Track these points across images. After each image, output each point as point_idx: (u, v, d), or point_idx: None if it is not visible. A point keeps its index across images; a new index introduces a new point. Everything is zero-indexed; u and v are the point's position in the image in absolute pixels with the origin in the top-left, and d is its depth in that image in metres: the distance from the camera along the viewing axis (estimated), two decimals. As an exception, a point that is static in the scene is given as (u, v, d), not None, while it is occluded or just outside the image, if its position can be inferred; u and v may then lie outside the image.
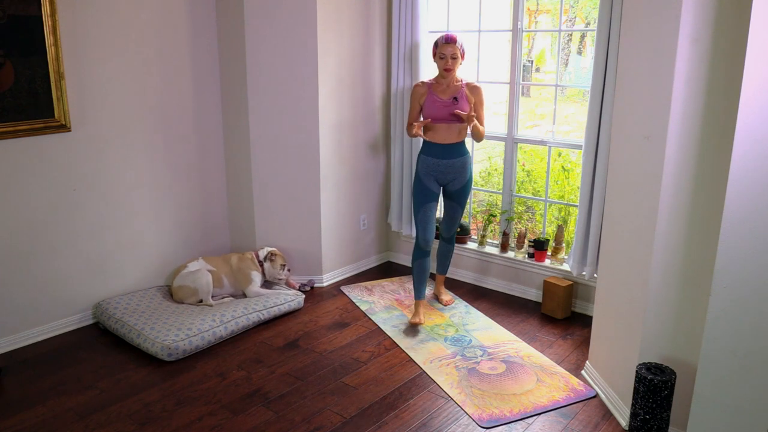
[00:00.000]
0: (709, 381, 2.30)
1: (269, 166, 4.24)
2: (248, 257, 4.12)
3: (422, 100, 3.75)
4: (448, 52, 3.63)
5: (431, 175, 3.78)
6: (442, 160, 3.74)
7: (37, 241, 3.53)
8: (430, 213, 3.79)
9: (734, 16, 2.28)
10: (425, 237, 3.79)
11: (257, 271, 4.08)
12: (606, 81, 3.52)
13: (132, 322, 3.55)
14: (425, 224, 3.79)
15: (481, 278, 4.47)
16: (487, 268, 4.42)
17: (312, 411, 2.95)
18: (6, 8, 3.21)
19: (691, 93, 2.42)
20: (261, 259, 4.12)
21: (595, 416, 2.92)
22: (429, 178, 3.78)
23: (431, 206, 3.79)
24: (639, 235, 2.70)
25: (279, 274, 4.13)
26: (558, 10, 4.20)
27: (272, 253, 4.13)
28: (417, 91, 3.79)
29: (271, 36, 4.03)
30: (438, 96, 3.70)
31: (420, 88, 3.78)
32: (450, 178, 3.80)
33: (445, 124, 3.70)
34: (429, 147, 3.78)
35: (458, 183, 3.82)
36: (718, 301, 2.22)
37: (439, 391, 3.12)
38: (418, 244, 3.83)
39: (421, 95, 3.76)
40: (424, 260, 3.85)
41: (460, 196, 3.87)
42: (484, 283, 4.45)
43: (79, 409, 2.95)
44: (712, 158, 2.43)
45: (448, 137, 3.73)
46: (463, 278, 4.55)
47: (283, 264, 4.15)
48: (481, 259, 4.44)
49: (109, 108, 3.72)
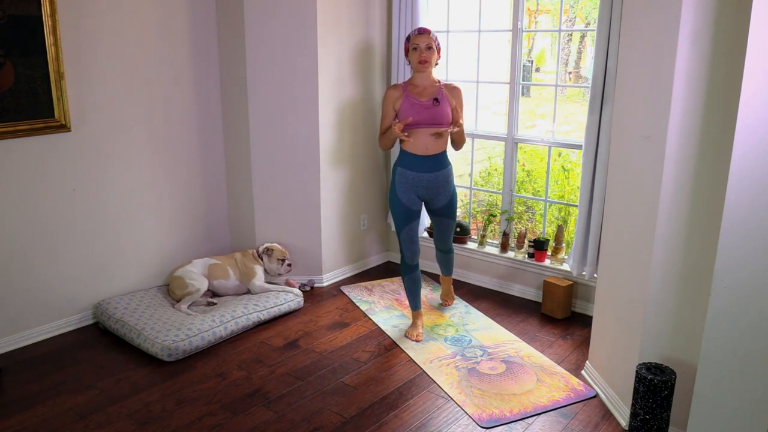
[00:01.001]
0: (709, 381, 2.30)
1: (269, 166, 4.24)
2: (250, 253, 4.15)
3: (397, 105, 3.40)
4: (422, 43, 3.34)
5: (411, 192, 3.45)
6: (423, 174, 3.40)
7: (37, 241, 3.53)
8: (413, 232, 3.53)
9: (734, 16, 2.28)
10: (411, 255, 3.55)
11: (260, 265, 4.10)
12: (606, 81, 3.52)
13: (132, 322, 3.55)
14: (409, 243, 3.52)
15: (481, 278, 4.47)
16: (487, 268, 4.42)
17: (312, 411, 2.95)
18: (6, 8, 3.21)
19: (691, 93, 2.42)
20: (260, 253, 4.13)
21: (595, 416, 2.92)
22: (409, 195, 3.45)
23: (414, 225, 3.51)
24: (639, 235, 2.70)
25: (278, 269, 4.13)
26: (558, 10, 4.20)
27: (268, 248, 4.14)
28: (391, 95, 3.42)
29: (271, 36, 4.03)
30: (415, 98, 3.38)
31: (394, 91, 3.43)
32: (433, 194, 3.48)
33: (424, 129, 3.37)
34: (408, 159, 3.41)
35: (443, 198, 3.53)
36: (718, 301, 2.22)
37: (439, 391, 3.12)
38: (405, 261, 3.58)
39: (395, 99, 3.41)
40: (414, 273, 3.61)
41: (447, 209, 3.59)
42: (484, 283, 4.45)
43: (79, 409, 2.95)
44: (712, 158, 2.43)
45: (430, 146, 3.38)
46: (463, 278, 4.54)
47: (281, 258, 4.14)
48: (481, 259, 4.44)
49: (109, 108, 3.72)
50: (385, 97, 3.47)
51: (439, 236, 3.77)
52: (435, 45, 3.41)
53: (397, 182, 3.47)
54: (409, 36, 3.45)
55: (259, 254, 4.13)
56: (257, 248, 4.19)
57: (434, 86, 3.45)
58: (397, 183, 3.47)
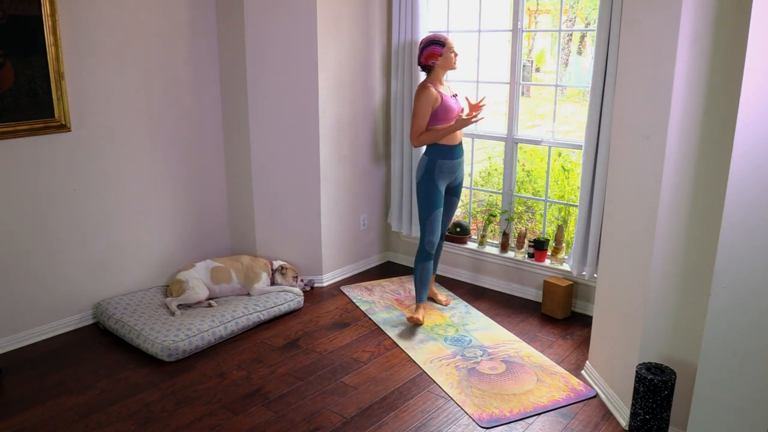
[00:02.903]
0: (709, 381, 2.30)
1: (269, 165, 4.24)
2: (263, 261, 4.15)
3: (437, 104, 3.62)
4: (455, 47, 3.68)
5: (447, 178, 3.75)
6: (456, 161, 3.74)
7: (37, 241, 3.53)
8: (439, 218, 3.76)
9: (734, 16, 2.28)
10: (433, 241, 3.75)
11: (267, 273, 4.10)
12: (606, 81, 3.52)
13: (132, 322, 3.55)
14: (434, 229, 3.74)
15: (481, 278, 4.47)
16: (487, 268, 4.42)
17: (312, 411, 2.95)
18: (6, 8, 3.21)
19: (691, 93, 2.42)
20: (274, 269, 4.14)
21: (595, 416, 2.92)
22: (443, 183, 3.75)
23: (441, 211, 3.76)
24: (639, 235, 2.70)
25: (291, 285, 4.15)
26: (558, 10, 4.20)
27: (283, 266, 4.16)
28: (431, 95, 3.61)
29: (271, 36, 4.03)
30: (447, 97, 3.69)
31: (432, 91, 3.62)
32: (457, 175, 3.82)
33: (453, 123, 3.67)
34: (447, 151, 3.69)
35: (460, 177, 3.85)
36: (718, 301, 2.22)
37: (439, 391, 3.12)
38: (425, 248, 3.76)
39: (436, 99, 3.62)
40: (428, 263, 3.80)
41: (458, 189, 3.90)
42: (484, 283, 4.45)
43: (79, 409, 2.95)
44: (712, 158, 2.43)
45: (458, 136, 3.75)
46: (463, 278, 4.54)
47: (294, 276, 4.19)
48: (481, 259, 4.44)
49: (109, 108, 3.72)
50: (425, 96, 3.61)
51: (446, 216, 3.95)
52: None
53: (437, 172, 3.70)
54: (441, 42, 3.64)
55: (273, 270, 4.14)
56: (271, 261, 4.20)
57: (444, 83, 3.77)
58: (437, 173, 3.70)
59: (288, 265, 4.21)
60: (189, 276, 3.89)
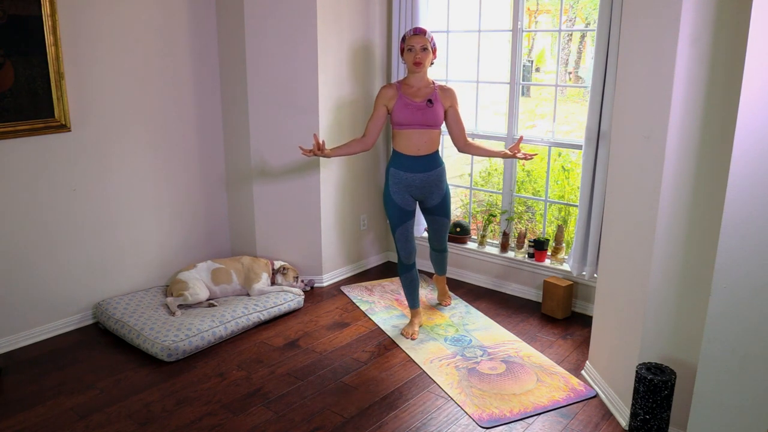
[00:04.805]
0: (709, 381, 2.30)
1: (269, 165, 4.24)
2: (263, 262, 4.15)
3: (391, 104, 3.39)
4: (418, 44, 3.32)
5: (405, 192, 3.45)
6: (416, 174, 3.40)
7: (37, 241, 3.53)
8: (408, 232, 3.51)
9: (734, 16, 2.28)
10: (407, 255, 3.56)
11: (268, 274, 4.09)
12: (606, 81, 3.52)
13: (132, 322, 3.55)
14: (405, 243, 3.52)
15: (481, 278, 4.47)
16: (487, 268, 4.42)
17: (312, 411, 2.95)
18: (6, 8, 3.21)
19: (691, 93, 2.42)
20: (275, 269, 4.14)
21: (595, 416, 2.92)
22: (403, 195, 3.45)
23: (409, 224, 3.51)
24: (639, 235, 2.70)
25: (291, 286, 4.15)
26: (558, 10, 4.20)
27: (285, 266, 4.15)
28: (384, 94, 3.41)
29: (271, 36, 4.03)
30: (409, 98, 3.37)
31: (388, 89, 3.42)
32: (426, 193, 3.48)
33: (417, 130, 3.37)
34: (399, 159, 3.42)
35: (437, 197, 3.52)
36: (718, 301, 2.22)
37: (439, 391, 3.12)
38: (401, 261, 3.60)
39: (389, 98, 3.39)
40: (410, 272, 3.63)
41: (441, 208, 3.58)
42: (484, 283, 4.45)
43: (79, 409, 2.95)
44: (712, 158, 2.43)
45: (422, 147, 3.38)
46: (463, 278, 4.54)
47: (295, 276, 4.19)
48: (481, 259, 4.44)
49: (109, 108, 3.72)
50: (379, 95, 3.45)
51: (434, 235, 3.76)
52: (431, 46, 3.39)
53: (391, 183, 3.48)
54: (405, 36, 3.41)
55: (274, 270, 4.14)
56: (272, 261, 4.19)
57: (429, 87, 3.43)
58: (391, 184, 3.48)
59: (289, 265, 4.21)
60: (189, 276, 3.89)
